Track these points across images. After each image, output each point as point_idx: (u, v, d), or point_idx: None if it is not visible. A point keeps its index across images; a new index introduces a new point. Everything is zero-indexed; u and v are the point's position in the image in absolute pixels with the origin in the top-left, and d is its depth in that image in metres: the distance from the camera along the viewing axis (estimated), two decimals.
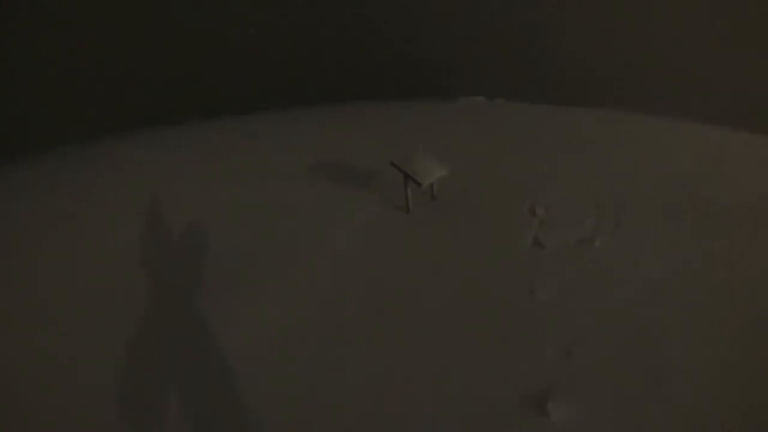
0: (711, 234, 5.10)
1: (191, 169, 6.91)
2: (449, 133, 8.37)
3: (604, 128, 8.67)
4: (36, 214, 5.79)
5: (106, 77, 10.78)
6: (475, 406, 3.23)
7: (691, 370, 3.42)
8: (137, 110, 9.35)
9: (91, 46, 11.66)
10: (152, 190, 6.11)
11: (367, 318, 4.08)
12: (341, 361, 3.63)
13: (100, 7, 12.57)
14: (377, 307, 4.20)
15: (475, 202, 5.88)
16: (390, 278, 4.57)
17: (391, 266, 4.76)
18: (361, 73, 12.42)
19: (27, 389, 3.43)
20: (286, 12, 13.94)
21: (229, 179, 6.47)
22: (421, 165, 5.57)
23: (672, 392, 3.25)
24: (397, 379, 3.47)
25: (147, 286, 4.45)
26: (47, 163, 7.30)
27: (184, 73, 11.39)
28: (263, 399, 3.33)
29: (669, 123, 9.32)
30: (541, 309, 4.07)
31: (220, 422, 3.20)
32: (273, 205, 5.82)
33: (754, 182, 6.50)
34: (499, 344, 3.74)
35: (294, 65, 12.49)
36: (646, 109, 10.04)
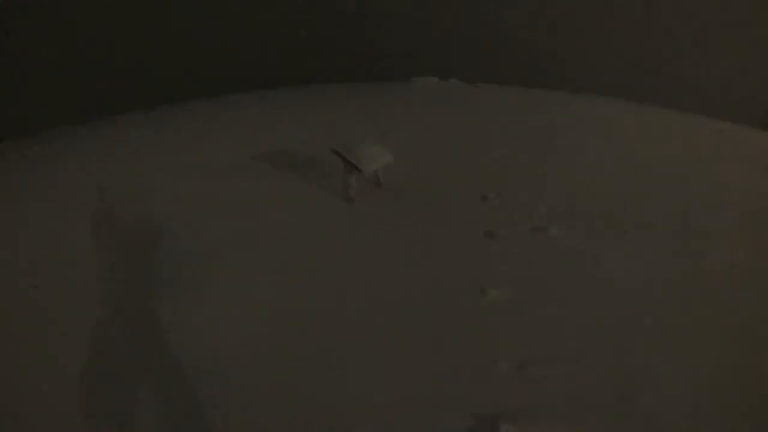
0: (673, 225, 4.76)
1: (126, 163, 6.19)
2: (398, 116, 7.78)
3: (560, 110, 8.32)
4: None
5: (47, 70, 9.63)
6: (417, 428, 2.67)
7: (663, 383, 2.97)
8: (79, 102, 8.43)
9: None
10: (96, 184, 5.57)
11: (307, 320, 3.52)
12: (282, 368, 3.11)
13: None
14: (314, 309, 3.63)
15: (423, 189, 5.35)
16: (328, 278, 3.99)
17: (330, 264, 4.17)
18: (310, 57, 11.78)
19: None
20: None
21: (167, 173, 5.76)
22: (364, 151, 5.04)
23: (639, 409, 2.80)
24: (326, 395, 2.92)
25: (99, 285, 3.92)
26: None
27: (120, 65, 10.36)
28: (227, 396, 2.92)
29: (624, 105, 9.13)
30: (492, 313, 3.54)
31: (190, 420, 2.79)
32: (210, 199, 5.17)
33: (711, 163, 6.28)
34: (445, 355, 3.19)
35: (240, 49, 11.60)
36: (603, 90, 9.83)
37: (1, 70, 9.12)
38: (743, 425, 2.73)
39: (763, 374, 3.07)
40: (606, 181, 5.57)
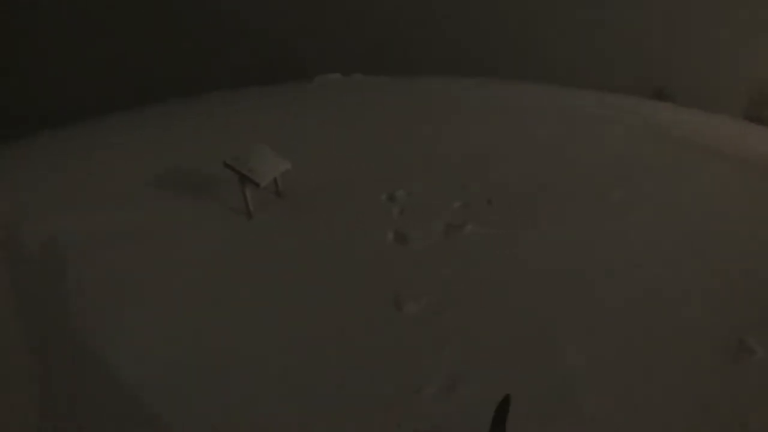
0: (589, 204, 4.64)
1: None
2: (298, 118, 7.21)
3: (469, 96, 8.19)
4: None
5: None
6: None
7: (600, 386, 2.70)
8: None
9: None
10: None
11: (217, 347, 3.05)
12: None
13: None
14: (224, 333, 3.15)
15: (327, 194, 4.85)
16: (233, 301, 3.45)
17: (233, 287, 3.60)
18: (205, 64, 10.87)
19: None
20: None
21: (60, 202, 4.95)
22: (258, 161, 4.51)
23: (579, 411, 2.50)
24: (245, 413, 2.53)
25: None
26: None
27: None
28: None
29: (533, 87, 9.25)
30: (411, 329, 3.11)
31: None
32: (106, 228, 4.40)
33: (616, 138, 6.39)
34: (363, 382, 2.71)
35: (124, 60, 10.38)
36: (509, 74, 9.94)
37: None
38: None
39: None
40: (518, 166, 5.40)
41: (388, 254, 3.86)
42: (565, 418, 2.50)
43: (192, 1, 11.38)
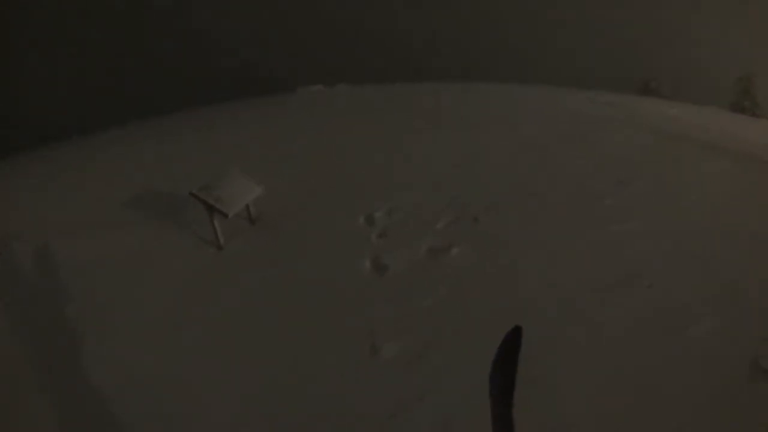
0: (584, 214, 4.31)
1: None
2: (276, 133, 6.85)
3: (454, 101, 7.86)
4: None
5: None
6: None
7: (605, 426, 2.37)
8: None
9: None
10: None
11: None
12: None
13: None
14: (196, 376, 2.91)
15: (302, 219, 4.52)
16: (195, 341, 3.18)
17: (196, 325, 3.32)
18: (185, 79, 10.56)
19: None
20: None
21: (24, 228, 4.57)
22: (228, 188, 4.17)
23: None
24: None
25: None
26: None
27: None
28: None
29: (519, 88, 8.95)
30: (389, 379, 2.76)
31: None
32: (67, 257, 4.06)
33: (615, 141, 6.08)
34: None
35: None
36: (492, 76, 9.67)
37: None
38: None
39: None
40: (506, 175, 5.07)
41: (364, 287, 3.52)
42: None
43: (164, 16, 11.05)
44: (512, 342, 1.38)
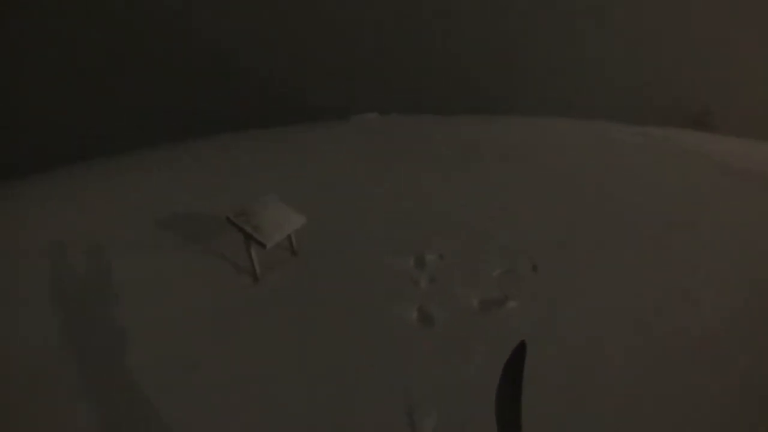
0: (648, 256, 3.80)
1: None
2: (328, 161, 6.73)
3: (511, 137, 7.49)
4: None
5: None
6: None
7: None
8: None
9: None
10: None
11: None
12: None
13: None
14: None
15: (346, 255, 4.25)
16: (217, 380, 2.93)
17: (217, 365, 3.07)
18: (239, 102, 10.83)
19: None
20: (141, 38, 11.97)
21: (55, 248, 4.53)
22: (268, 216, 3.96)
23: None
24: None
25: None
26: None
27: None
28: None
29: (565, 122, 8.49)
30: None
31: None
32: (100, 283, 3.97)
33: (670, 176, 5.49)
34: None
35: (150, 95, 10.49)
36: (547, 111, 9.25)
37: None
38: None
39: None
40: (563, 216, 4.62)
41: (407, 340, 3.17)
42: None
43: (220, 44, 11.49)
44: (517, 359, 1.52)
